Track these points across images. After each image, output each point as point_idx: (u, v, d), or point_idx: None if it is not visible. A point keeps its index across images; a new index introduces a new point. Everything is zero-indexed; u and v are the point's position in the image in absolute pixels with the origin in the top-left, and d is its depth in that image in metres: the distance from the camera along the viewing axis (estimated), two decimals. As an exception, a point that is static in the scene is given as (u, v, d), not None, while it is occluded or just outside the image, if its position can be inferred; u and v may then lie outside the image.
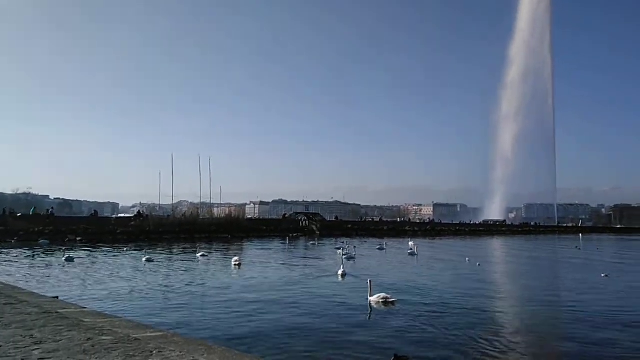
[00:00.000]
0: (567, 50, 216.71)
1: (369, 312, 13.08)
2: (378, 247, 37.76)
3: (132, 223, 49.04)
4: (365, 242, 40.80)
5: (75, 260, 24.43)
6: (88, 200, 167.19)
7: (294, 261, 27.86)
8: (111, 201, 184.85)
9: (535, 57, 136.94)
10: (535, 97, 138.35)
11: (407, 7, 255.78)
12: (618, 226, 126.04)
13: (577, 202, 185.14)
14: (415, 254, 31.33)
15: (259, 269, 23.24)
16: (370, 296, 13.76)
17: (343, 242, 37.11)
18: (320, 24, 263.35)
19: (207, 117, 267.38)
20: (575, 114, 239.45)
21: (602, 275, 21.55)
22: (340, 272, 20.48)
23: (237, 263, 23.78)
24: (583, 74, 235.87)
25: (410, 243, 39.69)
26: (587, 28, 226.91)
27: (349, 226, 71.09)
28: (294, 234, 54.50)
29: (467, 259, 29.00)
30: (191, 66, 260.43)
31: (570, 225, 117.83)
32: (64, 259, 24.08)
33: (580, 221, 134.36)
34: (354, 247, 32.54)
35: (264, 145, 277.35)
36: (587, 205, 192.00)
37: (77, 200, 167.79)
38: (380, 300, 13.48)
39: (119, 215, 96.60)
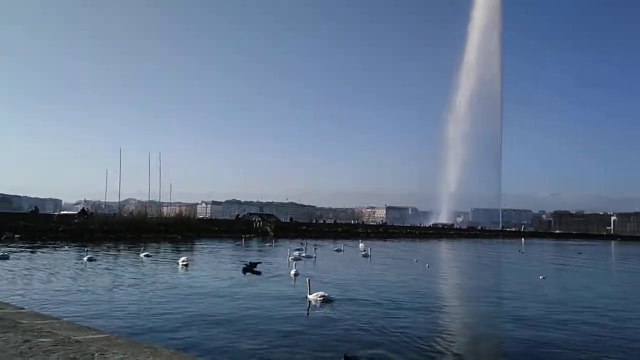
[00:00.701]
0: (510, 68, 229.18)
1: (307, 309, 13.52)
2: (335, 248, 38.09)
3: (76, 221, 47.00)
4: (320, 245, 40.88)
5: (10, 258, 23.14)
6: (29, 196, 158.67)
7: (246, 262, 27.55)
8: (53, 197, 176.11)
9: (487, 63, 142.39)
10: (484, 109, 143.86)
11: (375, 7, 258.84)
12: (557, 231, 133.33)
13: (520, 207, 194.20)
14: (369, 256, 31.95)
15: (208, 269, 22.88)
16: (310, 294, 14.18)
17: (302, 244, 37.20)
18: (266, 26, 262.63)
19: (159, 111, 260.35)
20: (519, 125, 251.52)
21: (541, 277, 22.77)
22: (292, 272, 20.57)
23: (184, 263, 23.27)
24: (527, 88, 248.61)
25: (361, 245, 40.47)
26: (533, 49, 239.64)
27: (304, 228, 71.23)
28: (247, 235, 53.92)
29: (415, 260, 30.04)
30: (144, 58, 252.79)
31: (513, 229, 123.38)
32: None
33: (523, 226, 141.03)
34: (315, 248, 32.60)
35: (217, 144, 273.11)
36: (530, 211, 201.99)
37: (16, 196, 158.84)
38: (319, 298, 14.00)
39: (62, 212, 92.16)
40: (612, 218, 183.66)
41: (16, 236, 36.94)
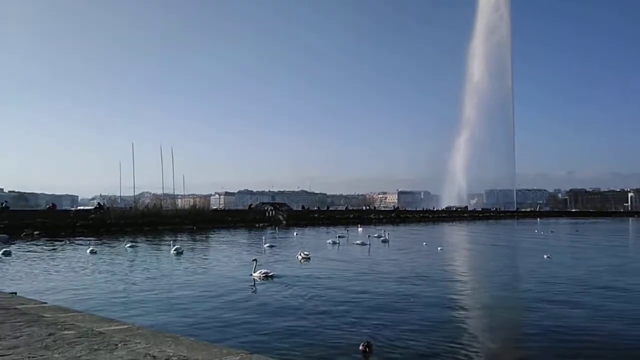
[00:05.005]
0: (526, 52, 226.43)
1: (253, 284, 15.15)
2: (376, 235, 35.56)
3: (92, 215, 47.76)
4: (329, 231, 40.91)
5: (31, 252, 23.77)
6: (45, 192, 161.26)
7: (251, 250, 27.25)
8: (70, 193, 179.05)
9: (496, 59, 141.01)
10: (496, 94, 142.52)
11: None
12: (573, 210, 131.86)
13: (535, 187, 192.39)
14: (387, 241, 32.34)
15: (206, 257, 23.34)
16: (254, 272, 15.93)
17: (345, 230, 38.30)
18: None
19: (169, 105, 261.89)
20: (532, 107, 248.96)
21: (545, 256, 22.61)
22: (302, 255, 21.46)
23: (179, 251, 23.65)
24: (540, 71, 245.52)
25: (360, 229, 42.68)
26: (545, 36, 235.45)
27: (316, 215, 71.45)
28: (260, 224, 54.35)
29: (424, 243, 30.26)
30: (151, 54, 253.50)
31: (529, 210, 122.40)
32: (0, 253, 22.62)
33: (538, 206, 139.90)
34: (387, 233, 34.16)
35: (228, 135, 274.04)
36: (545, 190, 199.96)
37: (33, 193, 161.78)
38: (262, 275, 15.68)
39: (78, 207, 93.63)
40: (630, 194, 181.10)
41: (35, 233, 37.61)
